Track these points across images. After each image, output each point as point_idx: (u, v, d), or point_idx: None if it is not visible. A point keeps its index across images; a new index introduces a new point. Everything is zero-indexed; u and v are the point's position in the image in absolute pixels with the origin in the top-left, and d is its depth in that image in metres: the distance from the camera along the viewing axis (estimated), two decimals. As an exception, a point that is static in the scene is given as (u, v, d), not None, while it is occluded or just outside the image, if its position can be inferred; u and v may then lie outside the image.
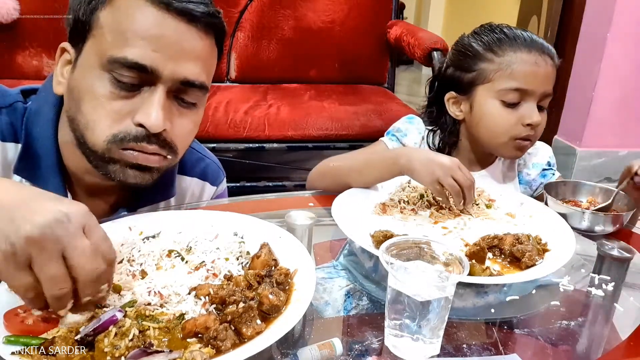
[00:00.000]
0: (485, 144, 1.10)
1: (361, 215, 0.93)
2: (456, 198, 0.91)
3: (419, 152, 0.96)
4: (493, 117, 1.05)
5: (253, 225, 0.81)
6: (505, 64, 1.03)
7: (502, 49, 1.04)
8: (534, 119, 1.02)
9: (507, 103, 1.04)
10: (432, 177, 0.90)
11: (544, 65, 1.03)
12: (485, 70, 1.05)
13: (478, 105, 1.07)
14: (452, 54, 1.14)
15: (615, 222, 0.93)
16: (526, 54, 1.02)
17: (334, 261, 0.84)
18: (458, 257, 0.62)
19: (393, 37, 2.54)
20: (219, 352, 0.55)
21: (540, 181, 1.18)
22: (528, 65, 1.02)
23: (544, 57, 1.03)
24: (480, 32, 1.10)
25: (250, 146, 2.08)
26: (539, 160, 1.19)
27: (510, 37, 1.04)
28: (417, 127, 1.17)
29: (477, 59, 1.07)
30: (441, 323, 0.60)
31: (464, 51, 1.10)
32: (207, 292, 0.63)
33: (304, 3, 2.58)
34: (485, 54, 1.06)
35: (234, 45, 2.57)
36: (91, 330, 0.55)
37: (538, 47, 1.03)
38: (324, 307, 0.71)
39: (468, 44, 1.10)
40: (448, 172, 0.90)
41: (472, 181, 0.92)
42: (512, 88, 1.02)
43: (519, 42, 1.03)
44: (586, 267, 0.84)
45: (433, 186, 0.91)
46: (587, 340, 0.70)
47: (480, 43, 1.07)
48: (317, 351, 0.60)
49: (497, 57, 1.04)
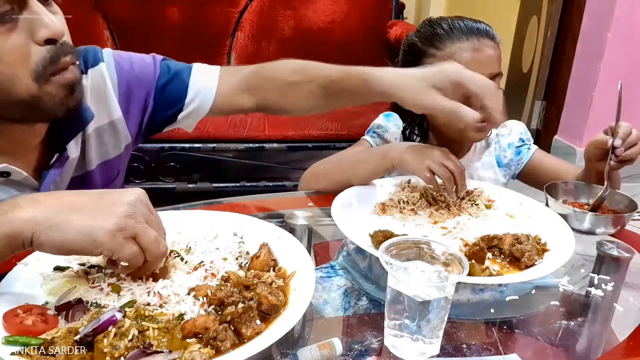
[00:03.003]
0: (447, 132, 1.13)
1: (360, 216, 0.93)
2: (448, 184, 0.93)
3: (408, 145, 0.99)
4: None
5: (253, 225, 0.81)
6: (446, 56, 1.06)
7: (441, 42, 1.08)
8: None
9: None
10: (422, 165, 0.92)
11: (484, 49, 1.06)
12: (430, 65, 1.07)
13: None
14: (401, 54, 1.18)
15: (617, 224, 0.92)
16: (465, 42, 1.06)
17: (331, 262, 0.84)
18: (458, 257, 0.62)
19: (393, 37, 2.54)
20: (218, 352, 0.55)
21: (516, 159, 1.20)
22: (468, 52, 1.05)
23: (482, 41, 1.06)
24: (421, 28, 1.13)
25: (250, 146, 2.09)
26: (512, 140, 1.21)
27: (446, 29, 1.08)
28: (394, 122, 1.21)
29: (421, 56, 1.10)
30: (441, 323, 0.60)
31: (409, 50, 1.14)
32: (205, 293, 0.63)
33: (304, 3, 2.58)
34: (427, 50, 1.09)
35: (234, 45, 2.57)
36: (90, 330, 0.55)
37: (474, 33, 1.07)
38: (323, 306, 0.71)
39: (412, 42, 1.13)
40: (438, 159, 0.92)
41: (462, 168, 0.94)
42: None
43: (456, 32, 1.07)
44: (586, 267, 0.84)
45: (424, 174, 0.93)
46: (586, 340, 0.70)
47: (422, 40, 1.11)
48: (317, 351, 0.60)
49: (439, 51, 1.08)
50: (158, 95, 0.92)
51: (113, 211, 0.59)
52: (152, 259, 0.62)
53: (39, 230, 0.57)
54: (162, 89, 0.92)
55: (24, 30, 0.66)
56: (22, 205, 0.59)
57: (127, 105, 0.90)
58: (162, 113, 0.94)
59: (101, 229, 0.58)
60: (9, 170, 0.75)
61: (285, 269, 0.72)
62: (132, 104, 0.91)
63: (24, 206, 0.58)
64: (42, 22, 0.67)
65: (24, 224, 0.57)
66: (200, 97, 0.93)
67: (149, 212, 0.63)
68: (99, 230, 0.58)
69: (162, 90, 0.92)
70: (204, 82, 0.94)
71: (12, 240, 0.57)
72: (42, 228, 0.57)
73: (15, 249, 0.58)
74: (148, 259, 0.62)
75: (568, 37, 2.76)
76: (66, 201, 0.60)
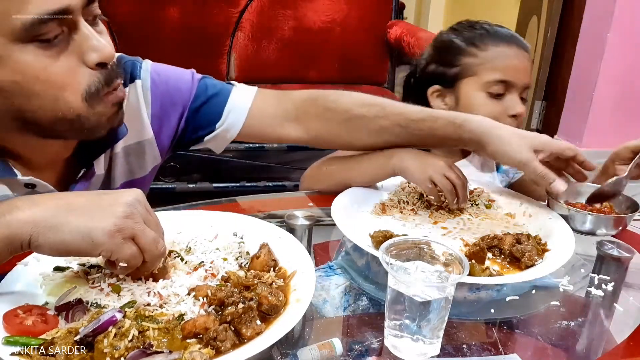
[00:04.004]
0: None
1: (361, 216, 0.93)
2: (449, 196, 0.92)
3: (411, 152, 0.98)
4: (480, 108, 1.09)
5: (253, 225, 0.81)
6: (489, 57, 1.08)
7: (484, 44, 1.09)
8: (518, 110, 1.08)
9: (492, 94, 1.09)
10: (424, 175, 0.91)
11: (523, 59, 1.09)
12: (470, 65, 1.10)
13: (464, 97, 1.12)
14: (432, 51, 1.18)
15: (618, 225, 0.92)
16: (507, 48, 1.09)
17: (329, 262, 0.84)
18: (458, 258, 0.62)
19: (393, 37, 2.54)
20: (218, 352, 0.55)
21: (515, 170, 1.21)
22: (510, 58, 1.08)
23: (522, 51, 1.10)
24: (460, 29, 1.14)
25: (250, 146, 2.09)
26: None
27: (490, 32, 1.10)
28: None
29: (459, 54, 1.11)
30: (441, 323, 0.60)
31: (445, 48, 1.14)
32: (205, 294, 0.63)
33: (304, 3, 2.58)
34: (468, 49, 1.10)
35: (234, 45, 2.57)
36: (90, 330, 0.55)
37: (516, 42, 1.10)
38: (323, 305, 0.71)
39: (449, 40, 1.14)
40: (440, 170, 0.91)
41: (465, 180, 0.93)
42: (497, 80, 1.08)
43: (499, 37, 1.09)
44: (586, 267, 0.84)
45: (425, 184, 0.92)
46: (587, 340, 0.70)
47: (462, 39, 1.12)
48: (317, 351, 0.60)
49: (480, 52, 1.09)
50: (191, 116, 0.91)
51: (111, 212, 0.59)
52: (150, 259, 0.62)
53: (37, 232, 0.57)
54: (197, 111, 0.91)
55: (74, 53, 0.66)
56: (20, 206, 0.58)
57: (159, 126, 0.89)
58: (193, 134, 0.93)
59: (99, 229, 0.58)
60: (35, 182, 0.75)
61: (285, 269, 0.72)
62: (165, 125, 0.90)
63: (22, 207, 0.58)
64: (93, 45, 0.67)
65: (22, 226, 0.57)
66: (230, 119, 0.91)
67: (147, 212, 0.63)
68: (98, 231, 0.58)
69: (196, 112, 0.91)
70: (238, 103, 0.92)
71: (10, 243, 0.57)
72: (40, 229, 0.57)
73: (14, 251, 0.58)
74: (147, 259, 0.61)
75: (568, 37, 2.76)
76: (64, 202, 0.60)
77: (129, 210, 0.60)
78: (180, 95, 0.90)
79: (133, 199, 0.61)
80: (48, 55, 0.64)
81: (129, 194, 0.62)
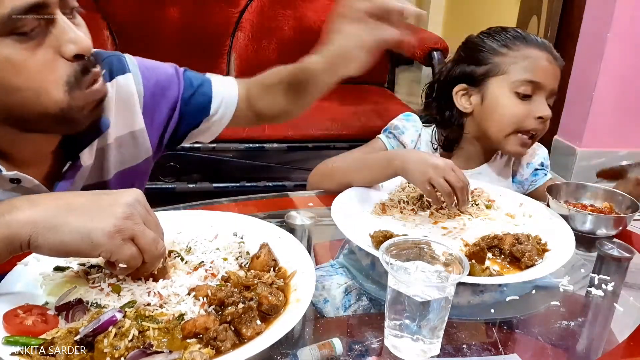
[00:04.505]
0: (493, 135, 1.12)
1: (361, 216, 0.93)
2: (447, 199, 0.91)
3: (413, 154, 0.98)
4: (506, 108, 1.08)
5: (253, 225, 0.81)
6: (520, 57, 1.08)
7: (516, 45, 1.09)
8: (545, 112, 1.07)
9: (520, 95, 1.08)
10: (423, 177, 0.90)
11: (554, 63, 1.09)
12: (500, 63, 1.10)
13: (491, 96, 1.10)
14: (463, 51, 1.18)
15: (618, 225, 0.92)
16: (539, 51, 1.08)
17: (332, 261, 0.84)
18: (458, 258, 0.62)
19: (393, 37, 2.54)
20: (218, 352, 0.55)
21: (531, 180, 1.20)
22: (541, 60, 1.08)
23: (553, 56, 1.10)
24: (492, 32, 1.14)
25: (250, 146, 2.09)
26: (534, 161, 1.21)
27: (523, 35, 1.11)
28: (413, 124, 1.19)
29: (490, 54, 1.11)
30: (441, 323, 0.60)
31: (475, 48, 1.14)
32: (205, 294, 0.63)
33: (304, 3, 2.58)
34: (499, 49, 1.10)
35: (234, 45, 2.57)
36: (91, 330, 0.55)
37: (547, 47, 1.10)
38: (323, 305, 0.71)
39: (480, 41, 1.14)
40: (440, 173, 0.90)
41: (465, 183, 0.92)
42: (526, 80, 1.07)
43: (531, 40, 1.10)
44: (586, 267, 0.84)
45: (424, 186, 0.91)
46: (587, 340, 0.70)
47: (494, 40, 1.12)
48: (317, 351, 0.60)
49: (512, 52, 1.09)
50: (184, 107, 0.93)
51: (111, 212, 0.59)
52: (150, 260, 0.62)
53: (37, 232, 0.57)
54: (188, 101, 0.93)
55: (52, 46, 0.66)
56: (19, 206, 0.58)
57: (151, 117, 0.90)
58: (188, 124, 0.95)
59: (99, 230, 0.58)
60: (20, 177, 0.75)
61: (285, 269, 0.72)
62: (156, 116, 0.91)
63: (22, 207, 0.58)
64: (70, 38, 0.67)
65: (22, 227, 0.57)
66: (224, 106, 0.95)
67: (147, 212, 0.63)
68: (97, 232, 0.58)
69: (188, 102, 0.93)
70: (226, 92, 0.96)
71: (10, 243, 0.57)
72: (40, 230, 0.57)
73: (13, 251, 0.58)
74: (146, 260, 0.61)
75: (568, 37, 2.76)
76: (64, 202, 0.60)
77: (128, 210, 0.60)
78: (169, 87, 0.91)
79: (133, 200, 0.61)
80: (26, 48, 0.64)
81: (129, 194, 0.62)
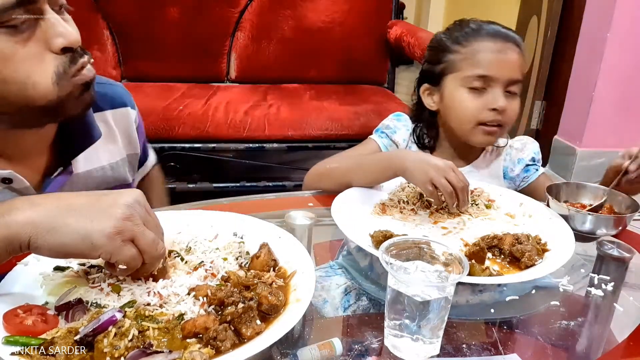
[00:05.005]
0: (457, 130, 1.14)
1: (361, 216, 0.93)
2: (449, 199, 0.91)
3: (413, 154, 0.98)
4: (460, 103, 1.10)
5: (253, 225, 0.81)
6: (470, 52, 1.09)
7: (467, 41, 1.10)
8: (499, 104, 1.07)
9: (473, 89, 1.09)
10: (425, 177, 0.91)
11: (508, 53, 1.08)
12: (453, 61, 1.11)
13: (448, 93, 1.13)
14: (427, 51, 1.21)
15: (618, 225, 0.92)
16: (490, 43, 1.08)
17: (331, 262, 0.84)
18: (458, 257, 0.62)
19: (393, 37, 2.54)
20: (218, 352, 0.55)
21: (523, 176, 1.20)
22: (491, 52, 1.08)
23: (507, 45, 1.08)
24: (451, 28, 1.17)
25: (250, 146, 2.09)
26: (524, 156, 1.21)
27: (475, 29, 1.11)
28: (404, 123, 1.22)
29: (446, 52, 1.13)
30: (441, 323, 0.60)
31: (435, 46, 1.17)
32: (205, 293, 0.63)
33: (304, 3, 2.58)
34: (452, 46, 1.12)
35: (234, 45, 2.57)
36: (90, 330, 0.55)
37: (502, 36, 1.09)
38: (323, 305, 0.71)
39: (439, 39, 1.16)
40: (441, 173, 0.91)
41: (466, 183, 0.93)
42: (476, 75, 1.08)
43: (483, 33, 1.10)
44: (586, 267, 0.84)
45: (425, 187, 0.91)
46: (586, 340, 0.70)
47: (449, 37, 1.14)
48: (317, 351, 0.60)
49: (463, 48, 1.10)
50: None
51: (111, 213, 0.59)
52: (150, 260, 0.62)
53: (37, 233, 0.57)
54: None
55: (41, 39, 0.68)
56: (19, 207, 0.58)
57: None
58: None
59: (99, 232, 0.58)
60: (12, 177, 0.76)
61: (285, 269, 0.72)
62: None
63: (21, 208, 0.58)
64: (58, 31, 0.69)
65: (22, 227, 0.57)
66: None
67: (147, 213, 0.63)
68: (97, 233, 0.58)
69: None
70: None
71: (9, 244, 0.57)
72: (40, 231, 0.57)
73: (12, 252, 0.58)
74: (146, 260, 0.61)
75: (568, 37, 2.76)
76: (64, 203, 0.60)
77: (128, 211, 0.60)
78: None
79: (133, 200, 0.61)
80: (15, 41, 0.66)
81: (129, 194, 0.62)
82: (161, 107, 2.08)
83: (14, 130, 0.75)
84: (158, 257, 0.63)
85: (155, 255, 0.62)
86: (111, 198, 0.61)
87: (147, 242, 0.60)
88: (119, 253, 0.59)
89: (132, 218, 0.60)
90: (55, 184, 0.82)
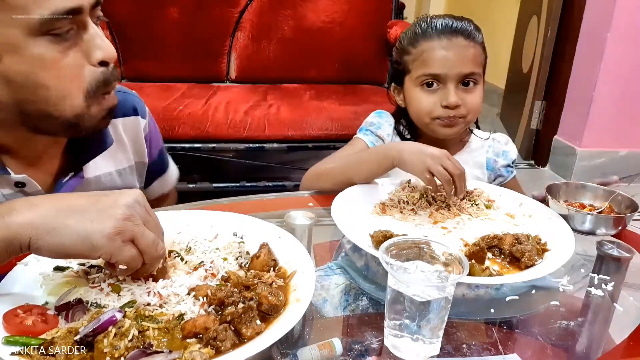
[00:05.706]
0: (419, 126, 1.18)
1: (361, 216, 0.93)
2: (447, 186, 0.93)
3: (408, 144, 1.01)
4: (415, 101, 1.14)
5: (253, 225, 0.81)
6: (418, 53, 1.12)
7: (417, 41, 1.13)
8: (449, 101, 1.09)
9: (426, 87, 1.12)
10: (422, 166, 0.93)
11: (456, 49, 1.09)
12: (407, 62, 1.15)
13: (407, 93, 1.17)
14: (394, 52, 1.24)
15: (618, 224, 0.92)
16: (436, 41, 1.10)
17: (329, 263, 0.84)
18: (458, 257, 0.62)
19: (393, 37, 2.54)
20: (218, 352, 0.55)
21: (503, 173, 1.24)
22: (436, 51, 1.09)
23: (454, 40, 1.09)
24: (408, 28, 1.19)
25: (250, 146, 2.08)
26: (510, 153, 1.25)
27: (423, 28, 1.13)
28: (386, 119, 1.25)
29: (402, 53, 1.16)
30: (441, 323, 0.60)
31: (397, 47, 1.20)
32: (205, 293, 0.63)
33: (304, 3, 2.58)
34: (406, 47, 1.15)
35: (234, 45, 2.57)
36: (90, 330, 0.55)
37: (448, 32, 1.10)
38: (323, 305, 0.71)
39: (400, 41, 1.19)
40: (438, 161, 0.93)
41: (462, 170, 0.95)
42: (425, 74, 1.11)
43: (430, 31, 1.12)
44: (586, 267, 0.84)
45: (423, 175, 0.93)
46: (586, 340, 0.70)
47: (405, 38, 1.17)
48: (317, 351, 0.60)
49: (414, 49, 1.13)
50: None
51: (110, 214, 0.59)
52: (150, 261, 0.62)
53: (36, 234, 0.57)
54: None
55: (81, 50, 0.70)
56: (19, 208, 0.58)
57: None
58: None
59: (99, 232, 0.58)
60: (26, 181, 0.77)
61: (285, 269, 0.72)
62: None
63: (21, 210, 0.58)
64: (98, 44, 0.71)
65: (21, 228, 0.57)
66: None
67: (147, 213, 0.63)
68: (97, 234, 0.58)
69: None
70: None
71: (9, 245, 0.57)
72: (40, 232, 0.57)
73: (13, 253, 0.58)
74: (146, 261, 0.61)
75: (568, 37, 2.76)
76: (63, 204, 0.60)
77: (128, 212, 0.60)
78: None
79: (132, 201, 0.61)
80: (58, 50, 0.68)
81: (129, 195, 0.62)
82: (161, 107, 2.08)
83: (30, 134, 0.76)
84: (158, 257, 0.63)
85: (155, 256, 0.62)
86: (111, 198, 0.61)
87: (147, 243, 0.60)
88: (119, 253, 0.59)
89: (132, 218, 0.60)
90: (66, 188, 0.83)
